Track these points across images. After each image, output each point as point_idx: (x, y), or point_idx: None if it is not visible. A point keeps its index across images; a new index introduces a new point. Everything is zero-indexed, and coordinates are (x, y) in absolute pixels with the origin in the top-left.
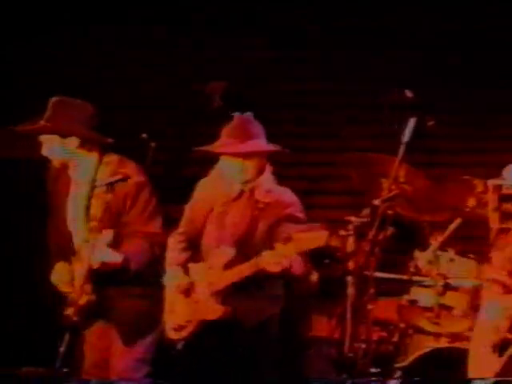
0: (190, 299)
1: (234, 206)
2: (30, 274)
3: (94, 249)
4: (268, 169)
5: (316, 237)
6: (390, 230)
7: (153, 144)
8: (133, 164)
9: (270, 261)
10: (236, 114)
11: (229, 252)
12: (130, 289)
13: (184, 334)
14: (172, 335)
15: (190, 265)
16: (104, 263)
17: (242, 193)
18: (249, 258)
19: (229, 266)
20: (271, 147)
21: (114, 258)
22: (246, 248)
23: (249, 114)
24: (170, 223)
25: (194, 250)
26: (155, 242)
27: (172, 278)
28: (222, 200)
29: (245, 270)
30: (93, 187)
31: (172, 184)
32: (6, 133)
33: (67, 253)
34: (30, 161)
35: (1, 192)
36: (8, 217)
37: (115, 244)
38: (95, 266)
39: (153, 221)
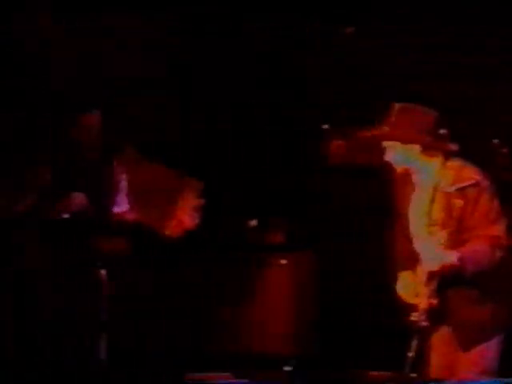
0: None
1: None
2: (377, 278)
3: (432, 250)
4: None
5: None
6: None
7: (504, 150)
8: (475, 169)
9: None
10: None
11: None
12: (470, 292)
13: None
14: None
15: None
16: (440, 264)
17: None
18: None
19: None
20: None
21: (450, 258)
22: None
23: None
24: None
25: None
26: (498, 245)
27: None
28: None
29: None
30: (435, 192)
31: None
32: (351, 138)
33: (411, 259)
34: (372, 167)
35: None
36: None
37: (452, 246)
38: (432, 268)
39: (496, 224)
